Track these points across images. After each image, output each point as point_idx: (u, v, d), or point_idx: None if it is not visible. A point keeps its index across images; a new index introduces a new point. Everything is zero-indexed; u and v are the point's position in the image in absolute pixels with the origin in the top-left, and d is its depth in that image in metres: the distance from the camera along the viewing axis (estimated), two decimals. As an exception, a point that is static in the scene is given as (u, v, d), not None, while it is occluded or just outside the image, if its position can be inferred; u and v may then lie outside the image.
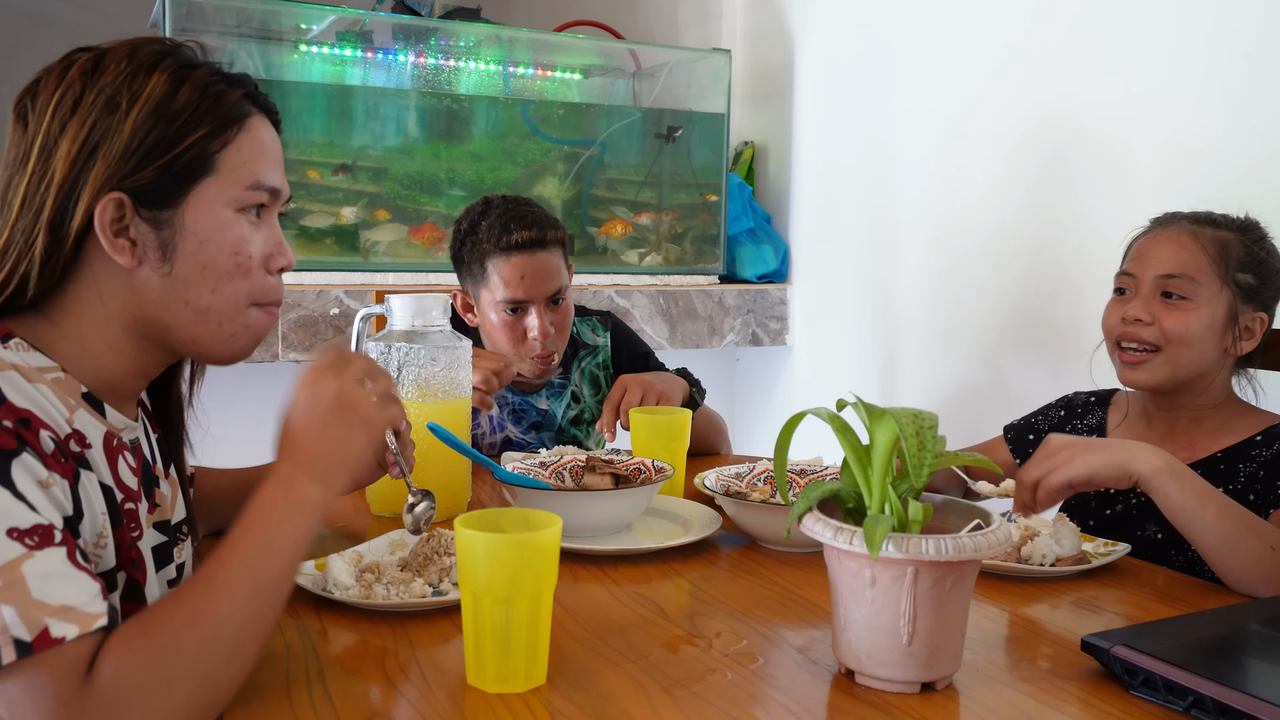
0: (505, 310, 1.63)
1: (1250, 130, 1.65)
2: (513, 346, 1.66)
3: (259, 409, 2.25)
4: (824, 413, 0.86)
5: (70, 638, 0.68)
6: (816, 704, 0.81)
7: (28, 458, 0.73)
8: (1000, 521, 0.85)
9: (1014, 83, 2.08)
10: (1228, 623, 0.93)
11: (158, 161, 0.83)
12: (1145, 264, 1.34)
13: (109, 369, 0.86)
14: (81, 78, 0.82)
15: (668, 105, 2.86)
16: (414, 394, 1.29)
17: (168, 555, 0.95)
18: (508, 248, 1.61)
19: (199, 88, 0.85)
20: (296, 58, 2.45)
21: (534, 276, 1.62)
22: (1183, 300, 1.30)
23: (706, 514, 1.29)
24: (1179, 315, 1.30)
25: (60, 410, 0.81)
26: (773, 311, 2.76)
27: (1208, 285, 1.29)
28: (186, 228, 0.85)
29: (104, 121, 0.81)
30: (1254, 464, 1.27)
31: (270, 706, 0.78)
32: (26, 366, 0.80)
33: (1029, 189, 2.05)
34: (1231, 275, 1.30)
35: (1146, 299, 1.32)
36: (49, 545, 0.71)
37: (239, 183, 0.87)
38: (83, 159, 0.81)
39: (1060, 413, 1.51)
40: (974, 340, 2.21)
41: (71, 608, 0.69)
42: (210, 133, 0.85)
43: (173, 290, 0.85)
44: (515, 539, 0.80)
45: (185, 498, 1.00)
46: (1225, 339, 1.31)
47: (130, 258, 0.83)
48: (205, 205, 0.85)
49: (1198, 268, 1.30)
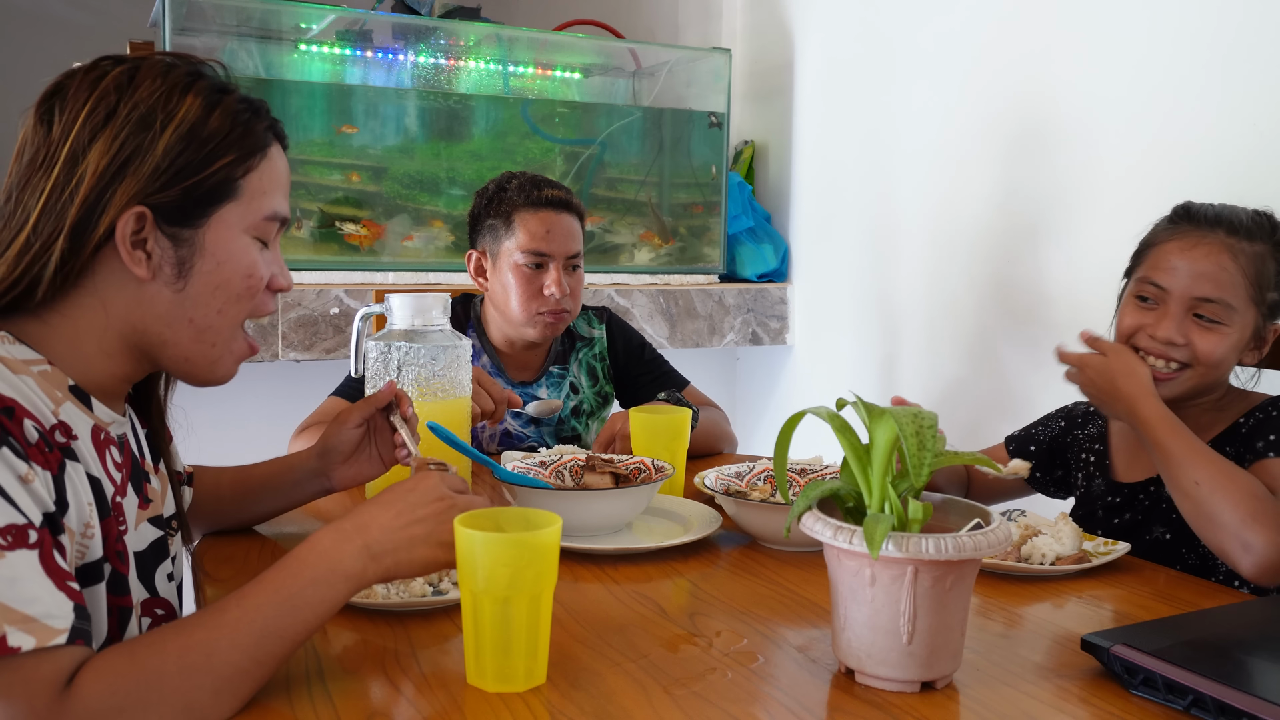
0: (529, 263, 1.69)
1: (1250, 125, 1.65)
2: (526, 301, 1.70)
3: (258, 409, 2.25)
4: (824, 412, 0.86)
5: (25, 649, 0.68)
6: (816, 703, 0.81)
7: (7, 452, 0.73)
8: (1000, 521, 0.85)
9: (1015, 82, 2.08)
10: (1228, 622, 0.93)
11: (185, 182, 0.85)
12: (1177, 277, 1.26)
13: (97, 370, 0.87)
14: (116, 90, 0.83)
15: (668, 105, 2.86)
16: (414, 393, 1.29)
17: (164, 549, 0.95)
18: (537, 202, 1.70)
19: (230, 114, 0.87)
20: (296, 57, 2.45)
21: (558, 233, 1.70)
22: (1215, 324, 1.24)
23: (706, 513, 1.29)
24: (1212, 339, 1.24)
25: (45, 402, 0.81)
26: (773, 311, 2.76)
27: (1242, 310, 1.25)
28: (206, 248, 0.87)
29: (137, 138, 0.83)
30: (1239, 443, 1.26)
31: (270, 706, 0.78)
32: (11, 358, 0.81)
33: (1030, 189, 2.05)
34: (1264, 296, 1.26)
35: (1178, 320, 1.25)
36: (22, 546, 0.71)
37: (258, 212, 0.90)
38: (112, 172, 0.82)
39: (1061, 423, 1.50)
40: (974, 339, 2.21)
41: (34, 619, 0.69)
42: (236, 160, 0.87)
43: (180, 307, 0.87)
44: (515, 538, 0.80)
45: (176, 495, 1.01)
46: (1245, 353, 1.28)
47: (145, 270, 0.85)
48: (225, 229, 0.88)
49: (1234, 292, 1.24)
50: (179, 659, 0.73)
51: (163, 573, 0.94)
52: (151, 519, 0.94)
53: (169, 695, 0.72)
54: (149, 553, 0.92)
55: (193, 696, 0.73)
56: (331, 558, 0.81)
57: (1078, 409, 1.50)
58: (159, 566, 0.94)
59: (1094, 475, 1.41)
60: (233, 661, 0.75)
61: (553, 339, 1.79)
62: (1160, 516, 1.31)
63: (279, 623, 0.77)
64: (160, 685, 0.72)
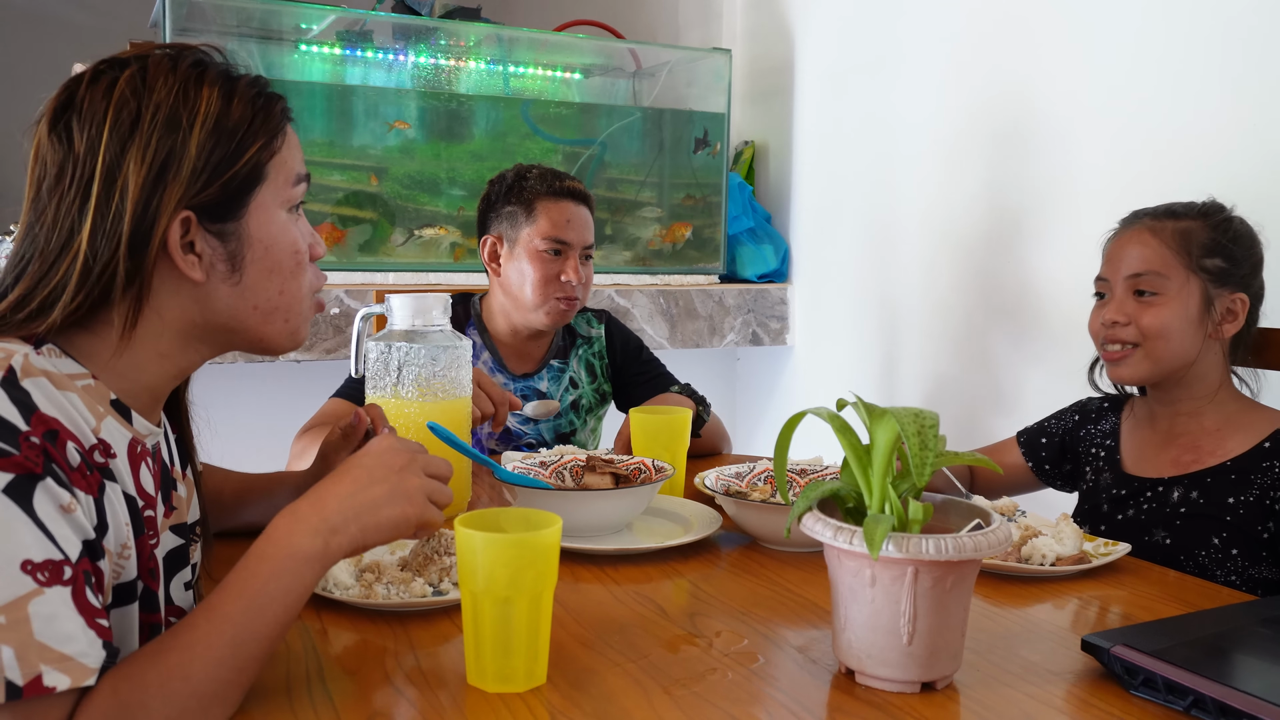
0: (549, 250, 1.73)
1: (1239, 126, 1.65)
2: (543, 286, 1.74)
3: (257, 409, 2.25)
4: (824, 412, 0.86)
5: (61, 689, 0.68)
6: (816, 704, 0.81)
7: (51, 483, 0.72)
8: (1000, 522, 0.85)
9: (1015, 82, 2.08)
10: (1228, 623, 0.92)
11: (222, 178, 0.83)
12: (1115, 266, 1.38)
13: (150, 374, 0.86)
14: (134, 95, 0.81)
15: (668, 105, 2.86)
16: (414, 394, 1.29)
17: (184, 557, 0.94)
18: (559, 193, 1.76)
19: (247, 101, 0.86)
20: (296, 57, 2.45)
21: (578, 223, 1.76)
22: (1154, 296, 1.33)
23: (706, 514, 1.29)
24: (1152, 311, 1.33)
25: (87, 419, 0.80)
26: (773, 311, 2.76)
27: (1175, 278, 1.32)
28: (252, 236, 0.86)
29: (167, 141, 0.81)
30: (1269, 476, 1.27)
31: (270, 706, 0.78)
32: (57, 373, 0.79)
33: (1030, 188, 2.05)
34: (1197, 263, 1.32)
35: (1120, 301, 1.36)
36: (58, 583, 0.70)
37: (286, 183, 0.89)
38: (152, 179, 0.80)
39: (1075, 417, 1.52)
40: (974, 339, 2.21)
41: (70, 658, 0.69)
42: (264, 145, 0.86)
43: (241, 298, 0.86)
44: (515, 539, 0.80)
45: (200, 497, 1.00)
46: (1204, 326, 1.33)
47: (200, 273, 0.84)
48: (264, 212, 0.87)
49: (1161, 263, 1.33)
50: (160, 689, 0.73)
51: (179, 581, 0.93)
52: (174, 526, 0.93)
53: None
54: (167, 561, 0.91)
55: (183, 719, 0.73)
56: (288, 544, 0.80)
57: (1091, 404, 1.52)
58: (176, 575, 0.93)
59: (1103, 469, 1.43)
60: (213, 676, 0.74)
61: (555, 329, 1.82)
62: (1163, 520, 1.31)
63: (250, 627, 0.76)
64: (148, 718, 0.72)
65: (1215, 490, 1.29)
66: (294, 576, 0.79)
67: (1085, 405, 1.53)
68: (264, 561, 0.79)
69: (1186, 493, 1.31)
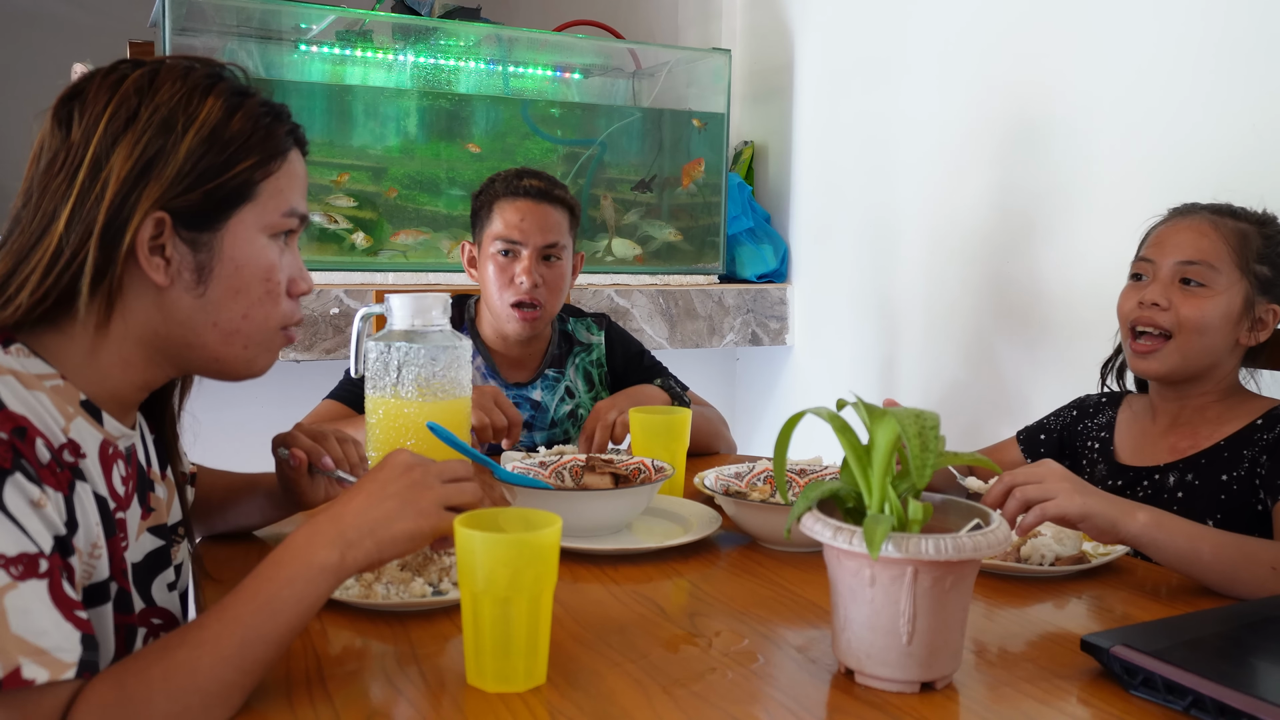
0: (500, 251, 1.70)
1: (1248, 126, 1.65)
2: (500, 291, 1.71)
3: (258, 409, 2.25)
4: (824, 412, 0.86)
5: (40, 681, 0.69)
6: (816, 704, 0.81)
7: (20, 478, 0.72)
8: (1000, 521, 0.85)
9: (1015, 82, 2.08)
10: (1228, 623, 0.92)
11: (205, 186, 0.83)
12: (1164, 250, 1.34)
13: (115, 380, 0.86)
14: (138, 94, 0.82)
15: (668, 105, 2.86)
16: (414, 394, 1.29)
17: (165, 558, 0.94)
18: (515, 192, 1.71)
19: (251, 118, 0.86)
20: (296, 57, 2.45)
21: (533, 221, 1.70)
22: (1200, 287, 1.31)
23: (706, 514, 1.29)
24: (1196, 302, 1.31)
25: (56, 419, 0.80)
26: (773, 311, 2.76)
27: (1226, 274, 1.30)
28: (224, 252, 0.86)
29: (158, 141, 0.82)
30: (1256, 448, 1.27)
31: (270, 706, 0.78)
32: (25, 373, 0.80)
33: (1030, 189, 2.05)
34: (1250, 266, 1.31)
35: (1165, 284, 1.32)
36: (33, 576, 0.71)
37: (275, 210, 0.88)
38: (135, 176, 0.81)
39: (1073, 413, 1.52)
40: (973, 339, 2.21)
41: (46, 651, 0.69)
42: (257, 163, 0.86)
43: (203, 311, 0.86)
44: (515, 539, 0.80)
45: (181, 499, 1.00)
46: (1239, 329, 1.32)
47: (164, 276, 0.83)
48: (243, 231, 0.86)
49: (1217, 255, 1.31)
50: (164, 683, 0.73)
51: (162, 582, 0.93)
52: (153, 528, 0.93)
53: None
54: (145, 563, 0.91)
55: (184, 717, 0.73)
56: (305, 554, 0.80)
57: (1089, 400, 1.52)
58: (158, 576, 0.93)
59: (1097, 461, 1.43)
60: (219, 676, 0.74)
61: (532, 335, 1.75)
62: (1159, 507, 1.31)
63: (260, 629, 0.77)
64: (149, 713, 0.72)
65: (1209, 470, 1.30)
66: (308, 584, 0.79)
67: (1083, 401, 1.53)
68: (280, 568, 0.79)
69: (1182, 476, 1.32)
